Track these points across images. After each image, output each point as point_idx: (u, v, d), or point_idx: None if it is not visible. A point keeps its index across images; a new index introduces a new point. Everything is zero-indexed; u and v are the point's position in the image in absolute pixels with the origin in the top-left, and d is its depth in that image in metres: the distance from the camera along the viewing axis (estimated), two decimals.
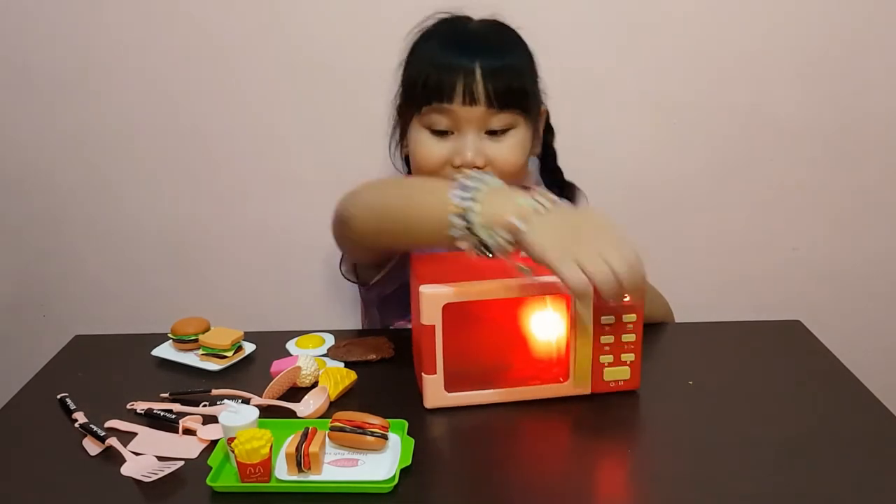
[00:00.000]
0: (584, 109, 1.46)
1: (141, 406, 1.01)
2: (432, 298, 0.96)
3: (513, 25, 1.22)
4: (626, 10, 1.40)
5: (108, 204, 1.54)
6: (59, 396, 1.05)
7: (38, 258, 1.58)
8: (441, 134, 1.17)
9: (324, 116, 1.44)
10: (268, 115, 1.47)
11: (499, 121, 1.16)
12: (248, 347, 1.16)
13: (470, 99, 1.14)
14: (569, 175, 1.49)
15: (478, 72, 1.14)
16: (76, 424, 0.98)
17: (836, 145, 1.48)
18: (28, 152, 1.51)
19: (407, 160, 1.29)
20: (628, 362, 1.00)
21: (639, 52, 1.43)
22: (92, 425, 0.97)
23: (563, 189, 1.36)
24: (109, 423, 0.98)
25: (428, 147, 1.18)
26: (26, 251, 1.58)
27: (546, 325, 1.03)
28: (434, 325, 0.96)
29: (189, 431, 0.96)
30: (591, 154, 1.49)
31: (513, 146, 1.18)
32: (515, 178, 1.20)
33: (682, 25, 1.41)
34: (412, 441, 0.91)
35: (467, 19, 1.23)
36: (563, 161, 1.49)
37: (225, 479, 0.87)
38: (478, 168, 1.16)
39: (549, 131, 1.34)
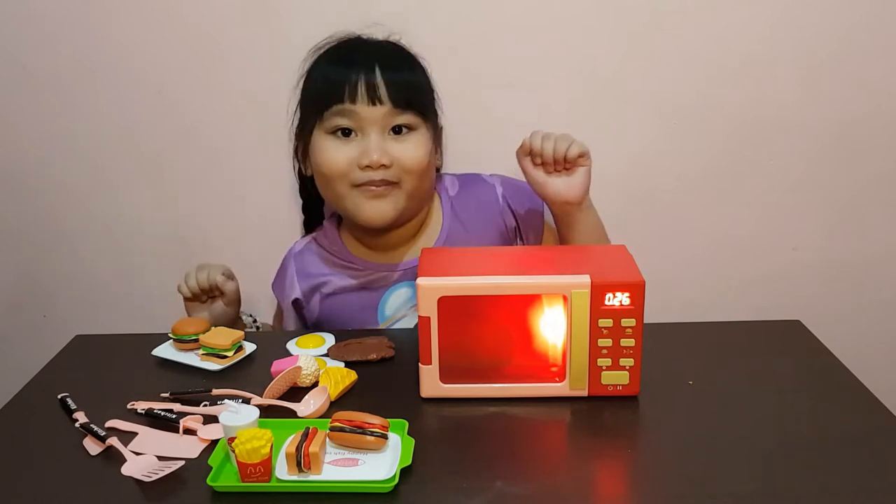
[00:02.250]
0: (584, 109, 1.46)
1: (141, 406, 1.02)
2: (428, 291, 0.98)
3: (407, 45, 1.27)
4: (626, 11, 1.40)
5: (109, 204, 1.54)
6: (59, 396, 1.05)
7: (38, 258, 1.58)
8: (344, 136, 1.19)
9: None
10: (268, 114, 1.47)
11: (401, 120, 1.19)
12: (249, 347, 1.16)
13: (372, 97, 1.17)
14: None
15: (378, 71, 1.17)
16: (77, 424, 0.98)
17: (836, 145, 1.48)
18: (28, 152, 1.51)
19: (311, 180, 1.30)
20: (627, 367, 1.00)
21: (639, 53, 1.43)
22: (93, 425, 0.97)
23: None
24: (110, 423, 0.98)
25: (332, 152, 1.20)
26: (26, 251, 1.58)
27: (545, 325, 1.04)
28: (430, 317, 0.98)
29: (189, 431, 0.96)
30: (592, 155, 1.48)
31: (416, 144, 1.20)
32: (422, 182, 1.23)
33: (682, 26, 1.41)
34: (412, 441, 0.91)
35: (359, 36, 1.27)
36: None
37: (225, 479, 0.87)
38: (384, 167, 1.18)
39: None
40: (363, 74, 1.17)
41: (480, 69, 1.38)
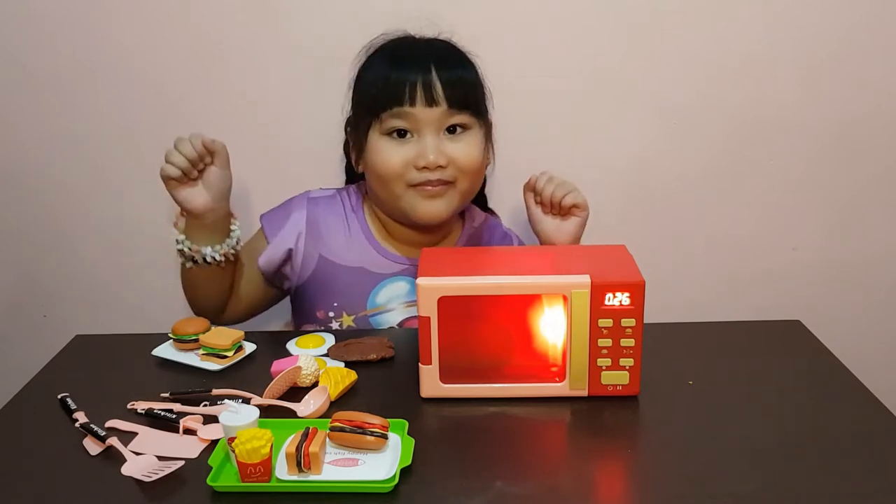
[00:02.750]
0: (584, 109, 1.46)
1: (141, 406, 1.02)
2: (428, 291, 0.98)
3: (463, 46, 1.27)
4: (626, 10, 1.40)
5: (109, 204, 1.54)
6: (59, 396, 1.05)
7: (38, 258, 1.58)
8: (400, 137, 1.20)
9: (324, 117, 1.43)
10: (268, 114, 1.47)
11: (456, 120, 1.20)
12: (249, 347, 1.16)
13: (429, 100, 1.18)
14: (570, 176, 1.49)
15: (434, 73, 1.18)
16: (77, 424, 0.98)
17: (835, 145, 1.48)
18: (28, 152, 1.51)
19: (363, 175, 1.30)
20: (627, 367, 1.00)
21: (639, 53, 1.43)
22: (93, 425, 0.97)
23: (479, 201, 1.43)
24: (110, 423, 0.98)
25: (388, 153, 1.20)
26: (26, 251, 1.58)
27: (545, 325, 1.04)
28: (430, 317, 0.98)
29: (189, 431, 0.96)
30: (592, 154, 1.49)
31: (471, 144, 1.22)
32: (475, 180, 1.25)
33: (682, 25, 1.41)
34: (412, 441, 0.91)
35: (412, 36, 1.27)
36: (563, 161, 1.49)
37: (225, 479, 0.87)
38: (440, 167, 1.19)
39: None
40: (420, 77, 1.17)
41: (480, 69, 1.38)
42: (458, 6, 1.38)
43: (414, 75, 1.18)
